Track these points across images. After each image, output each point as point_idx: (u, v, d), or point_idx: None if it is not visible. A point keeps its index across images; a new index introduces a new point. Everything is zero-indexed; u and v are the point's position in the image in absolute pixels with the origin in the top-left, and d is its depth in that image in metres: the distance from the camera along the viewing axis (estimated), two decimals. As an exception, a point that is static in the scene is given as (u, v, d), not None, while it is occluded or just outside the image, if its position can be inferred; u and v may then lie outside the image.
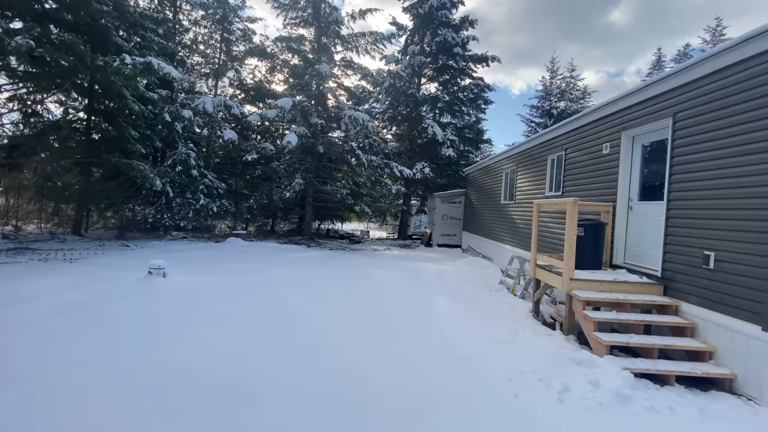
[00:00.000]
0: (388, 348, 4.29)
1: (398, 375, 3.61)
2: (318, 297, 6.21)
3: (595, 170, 6.52)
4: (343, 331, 4.73)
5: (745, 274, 3.73)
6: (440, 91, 20.50)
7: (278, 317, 5.10)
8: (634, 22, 64.56)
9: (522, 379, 3.62)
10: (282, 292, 6.43)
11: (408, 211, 21.01)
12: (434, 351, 4.27)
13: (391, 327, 5.04)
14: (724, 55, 4.11)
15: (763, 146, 3.67)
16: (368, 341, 4.47)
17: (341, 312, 5.50)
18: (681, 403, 3.34)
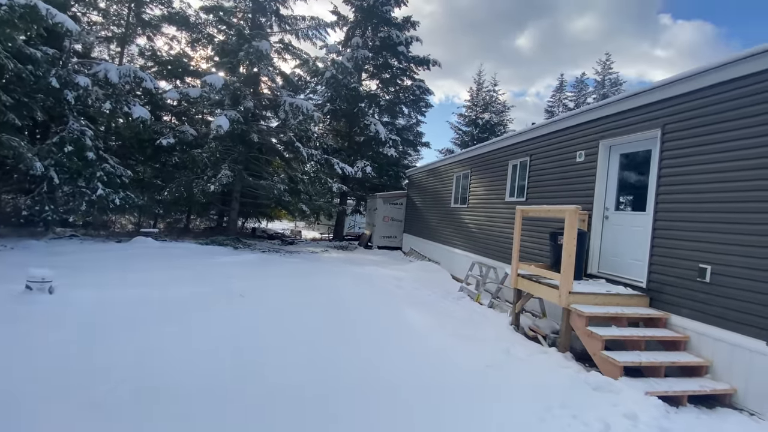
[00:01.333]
0: (386, 395, 3.46)
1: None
2: (274, 318, 5.06)
3: (567, 178, 6.47)
4: (325, 382, 3.69)
5: (747, 288, 3.73)
6: (381, 89, 20.03)
7: (233, 353, 3.90)
8: (535, 50, 72.86)
9: (553, 416, 3.11)
10: (226, 310, 5.14)
11: (344, 211, 20.10)
12: (439, 386, 3.56)
13: (377, 357, 4.20)
14: (719, 71, 4.14)
15: (753, 163, 3.72)
16: (362, 393, 3.55)
17: (313, 345, 4.45)
18: (714, 428, 3.14)
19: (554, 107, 39.59)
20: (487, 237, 8.79)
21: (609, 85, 36.45)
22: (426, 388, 3.44)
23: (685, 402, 3.63)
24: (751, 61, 3.86)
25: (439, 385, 3.54)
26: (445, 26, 67.53)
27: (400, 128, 20.45)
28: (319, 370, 3.62)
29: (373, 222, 17.03)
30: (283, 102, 12.68)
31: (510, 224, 7.86)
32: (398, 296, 7.09)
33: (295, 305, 5.69)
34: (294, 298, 6.09)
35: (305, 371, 3.56)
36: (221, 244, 12.55)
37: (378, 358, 4.04)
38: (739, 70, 3.98)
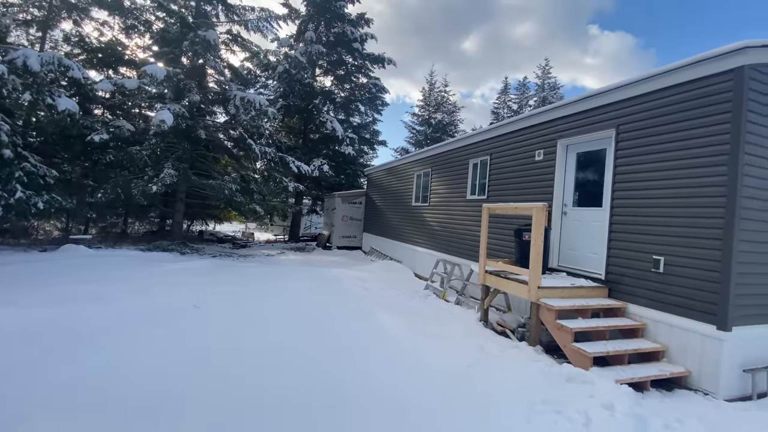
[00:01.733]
0: (377, 404, 3.29)
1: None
2: (239, 329, 4.67)
3: (527, 176, 6.69)
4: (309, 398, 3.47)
5: (697, 277, 4.04)
6: (336, 85, 19.64)
7: (200, 381, 3.51)
8: (480, 53, 76.36)
9: (538, 414, 3.13)
10: (176, 326, 4.65)
11: (300, 211, 19.48)
12: (425, 390, 3.45)
13: (362, 365, 4.01)
14: (666, 76, 4.45)
15: (706, 161, 4.03)
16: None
17: (287, 355, 4.16)
18: (675, 411, 3.33)
19: (499, 109, 41.50)
20: (450, 235, 8.90)
21: (548, 88, 38.90)
22: (414, 395, 3.32)
23: (649, 387, 3.86)
24: (693, 68, 4.18)
25: (425, 389, 3.44)
26: (393, 27, 68.33)
27: (357, 126, 20.20)
28: (301, 384, 3.36)
29: (331, 222, 16.66)
30: (233, 96, 11.94)
31: (473, 222, 8.01)
32: (367, 298, 6.92)
33: (259, 314, 5.30)
34: (257, 306, 5.69)
35: (286, 381, 3.28)
36: (166, 250, 11.55)
37: (363, 365, 3.85)
38: (683, 76, 4.30)
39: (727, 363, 3.78)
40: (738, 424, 3.22)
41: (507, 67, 74.75)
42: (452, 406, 3.21)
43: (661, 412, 3.31)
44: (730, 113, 3.84)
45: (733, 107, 3.82)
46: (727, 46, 3.85)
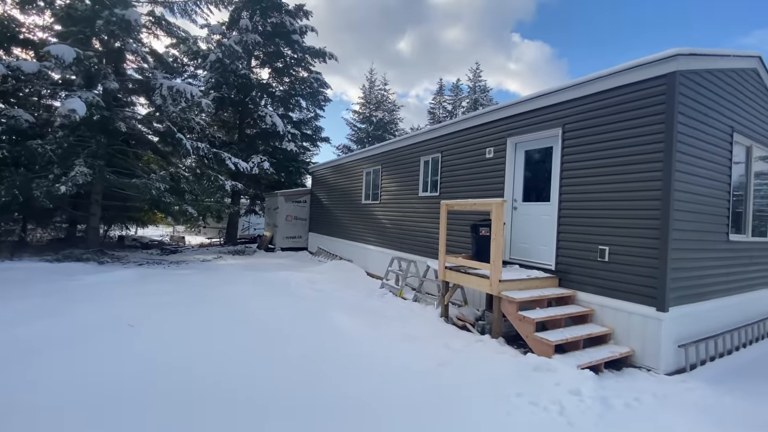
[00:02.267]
0: (358, 415, 3.07)
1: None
2: (184, 347, 4.13)
3: (478, 173, 6.87)
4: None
5: (639, 264, 4.43)
6: (274, 78, 18.68)
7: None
8: (415, 54, 78.82)
9: (515, 407, 3.17)
10: (110, 346, 3.99)
11: (238, 211, 18.26)
12: (403, 394, 3.32)
13: (336, 376, 3.74)
14: (610, 78, 4.80)
15: (644, 158, 4.43)
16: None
17: (241, 370, 3.76)
18: (631, 390, 3.60)
19: (435, 109, 42.96)
20: (403, 232, 8.89)
21: (479, 91, 41.13)
22: (391, 400, 3.16)
23: (603, 368, 4.13)
24: (631, 72, 4.56)
25: (401, 393, 3.30)
26: (327, 22, 67.49)
27: (297, 122, 19.43)
28: (267, 399, 3.02)
29: (274, 222, 15.84)
30: (160, 85, 10.72)
31: (426, 218, 8.07)
32: (320, 300, 6.62)
33: (204, 327, 4.76)
34: (201, 318, 5.11)
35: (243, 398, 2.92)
36: (80, 260, 10.03)
37: (332, 375, 3.59)
38: (623, 79, 4.66)
39: (666, 340, 4.19)
40: (682, 395, 3.57)
41: (440, 69, 77.86)
42: (432, 407, 3.12)
43: (619, 391, 3.55)
44: (664, 114, 4.24)
45: (666, 109, 4.22)
46: (661, 53, 4.25)
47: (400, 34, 78.59)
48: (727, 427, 2.99)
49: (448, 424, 2.91)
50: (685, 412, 3.22)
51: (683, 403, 3.40)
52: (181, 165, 13.65)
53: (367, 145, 31.84)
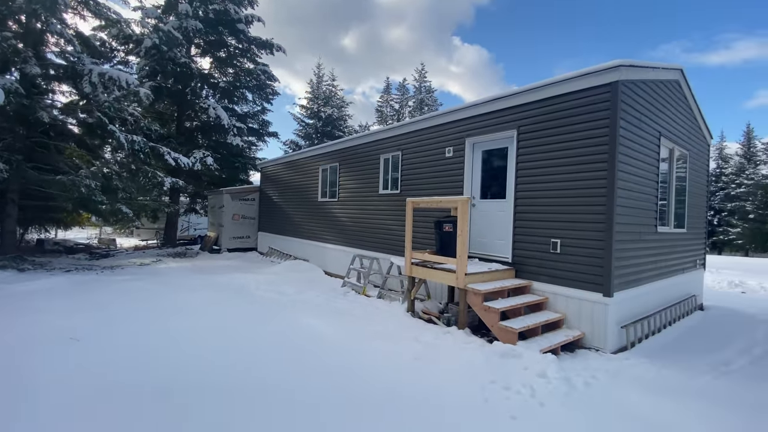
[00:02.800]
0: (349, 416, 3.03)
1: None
2: (148, 367, 3.79)
3: (438, 171, 7.09)
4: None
5: (587, 255, 4.88)
6: (216, 68, 17.59)
7: None
8: (360, 51, 79.11)
9: (491, 393, 3.35)
10: (49, 364, 3.55)
11: (177, 211, 16.98)
12: (386, 390, 3.35)
13: (323, 383, 3.65)
14: (561, 85, 5.21)
15: (591, 159, 4.88)
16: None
17: (237, 397, 3.54)
18: (587, 369, 3.97)
19: (383, 107, 43.51)
20: (364, 230, 8.89)
21: (424, 91, 42.35)
22: (381, 398, 3.18)
23: (560, 351, 4.50)
24: (580, 80, 4.99)
25: (386, 388, 3.33)
26: (270, 15, 65.15)
27: (243, 115, 18.48)
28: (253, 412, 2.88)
29: (219, 222, 14.96)
30: (89, 71, 9.61)
31: (387, 216, 8.15)
32: (285, 304, 6.41)
33: (161, 339, 4.41)
34: (152, 329, 4.72)
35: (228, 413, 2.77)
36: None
37: (322, 380, 3.51)
38: (572, 86, 5.09)
39: (611, 323, 4.68)
40: (629, 370, 4.01)
41: (385, 68, 78.78)
42: (416, 399, 3.19)
43: (577, 371, 3.90)
44: (608, 119, 4.70)
45: (610, 114, 4.69)
46: (605, 64, 4.70)
47: (344, 30, 78.11)
48: (672, 397, 3.43)
49: (435, 413, 3.00)
50: (634, 385, 3.63)
51: (631, 377, 3.84)
52: (111, 159, 12.35)
53: (315, 141, 31.23)
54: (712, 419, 3.07)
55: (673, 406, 3.25)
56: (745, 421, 3.09)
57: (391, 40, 77.89)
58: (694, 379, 3.99)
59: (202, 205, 20.36)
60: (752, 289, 10.27)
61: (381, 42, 76.98)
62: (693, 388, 3.66)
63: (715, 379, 4.03)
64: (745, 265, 16.77)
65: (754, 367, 4.41)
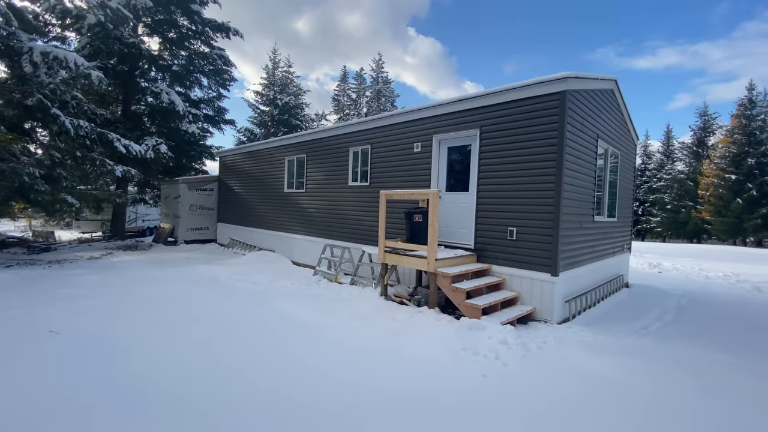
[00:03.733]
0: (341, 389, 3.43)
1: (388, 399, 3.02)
2: (143, 359, 3.90)
3: (406, 165, 7.57)
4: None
5: (537, 241, 5.63)
6: (167, 50, 16.62)
7: None
8: (313, 36, 77.57)
9: (463, 358, 3.92)
10: (30, 361, 3.57)
11: (126, 201, 16.01)
12: (374, 359, 3.79)
13: (322, 364, 3.98)
14: (517, 91, 5.87)
15: (542, 157, 5.61)
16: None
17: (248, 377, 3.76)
18: (539, 337, 4.70)
19: (340, 96, 43.24)
20: (334, 221, 9.18)
21: (382, 82, 42.66)
22: (372, 369, 3.61)
23: (516, 323, 5.22)
24: (533, 87, 5.66)
25: (373, 360, 3.77)
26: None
27: (196, 101, 17.68)
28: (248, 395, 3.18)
29: (174, 213, 14.40)
30: (29, 50, 8.85)
31: (357, 207, 8.52)
32: (264, 294, 6.59)
33: (140, 330, 4.50)
34: (129, 322, 4.77)
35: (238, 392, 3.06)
36: None
37: (317, 359, 3.85)
38: (526, 92, 5.76)
39: (557, 298, 5.48)
40: (572, 337, 4.81)
41: (339, 54, 77.75)
42: (402, 369, 3.67)
43: (531, 338, 4.61)
44: (557, 123, 5.43)
45: (559, 119, 5.41)
46: (554, 75, 5.40)
47: (297, 13, 75.80)
48: (604, 354, 4.22)
49: (419, 373, 3.50)
50: (576, 347, 4.40)
51: (574, 342, 4.61)
52: (55, 146, 11.41)
53: (272, 129, 30.46)
54: (631, 368, 3.88)
55: (605, 359, 4.03)
56: (654, 368, 3.92)
57: (346, 27, 76.99)
58: (621, 340, 4.87)
59: (151, 195, 19.30)
60: (667, 269, 12.02)
61: (336, 28, 75.84)
62: (620, 348, 4.51)
63: (636, 340, 4.95)
64: (662, 249, 19.29)
65: (665, 329, 5.44)
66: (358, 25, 78.76)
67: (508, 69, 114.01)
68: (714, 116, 36.62)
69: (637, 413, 2.97)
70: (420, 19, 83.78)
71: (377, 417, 2.78)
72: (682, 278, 10.27)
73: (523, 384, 3.42)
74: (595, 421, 2.85)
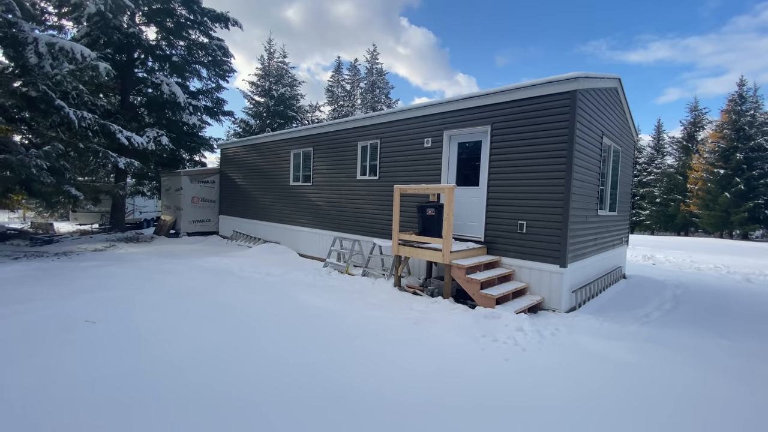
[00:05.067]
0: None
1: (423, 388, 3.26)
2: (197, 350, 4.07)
3: (416, 160, 7.76)
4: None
5: (546, 234, 5.90)
6: (163, 38, 16.41)
7: None
8: (304, 24, 76.59)
9: (485, 345, 4.18)
10: (76, 349, 3.73)
11: (125, 193, 15.94)
12: (399, 341, 4.03)
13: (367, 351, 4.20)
14: (529, 89, 6.08)
15: (553, 153, 5.84)
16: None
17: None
18: (550, 325, 4.99)
19: (334, 87, 43.05)
20: (342, 214, 9.35)
21: (376, 73, 42.53)
22: (402, 351, 3.84)
23: (527, 312, 5.50)
24: (545, 86, 5.87)
25: (403, 348, 4.01)
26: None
27: (195, 92, 17.53)
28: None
29: (177, 205, 14.41)
30: (33, 40, 8.76)
31: (366, 201, 8.70)
32: (282, 285, 6.72)
33: (174, 321, 4.67)
34: (162, 313, 4.93)
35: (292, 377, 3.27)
36: None
37: (350, 347, 4.07)
38: (538, 91, 5.97)
39: (565, 288, 5.78)
40: (580, 324, 5.10)
41: (330, 44, 76.95)
42: (429, 355, 3.91)
43: (544, 326, 4.89)
44: (567, 122, 5.66)
45: (569, 117, 5.65)
46: (565, 75, 5.62)
47: (287, 1, 74.56)
48: (614, 340, 4.52)
49: (446, 358, 3.74)
50: (586, 333, 4.70)
51: (583, 328, 4.91)
52: (57, 138, 11.33)
53: (267, 120, 30.25)
54: (643, 352, 4.18)
55: (616, 344, 4.33)
56: (663, 352, 4.23)
57: (337, 16, 76.14)
58: (625, 327, 5.19)
59: (149, 187, 19.21)
60: (660, 261, 12.48)
61: (326, 17, 75.01)
62: (627, 334, 4.82)
63: (640, 327, 5.27)
64: (653, 242, 19.88)
65: (665, 317, 5.78)
66: (349, 14, 77.96)
67: (500, 61, 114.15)
68: (704, 111, 37.40)
69: (664, 396, 3.23)
70: (413, 9, 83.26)
71: (415, 393, 3.02)
72: (675, 270, 10.71)
73: (544, 366, 3.69)
74: (625, 401, 3.12)
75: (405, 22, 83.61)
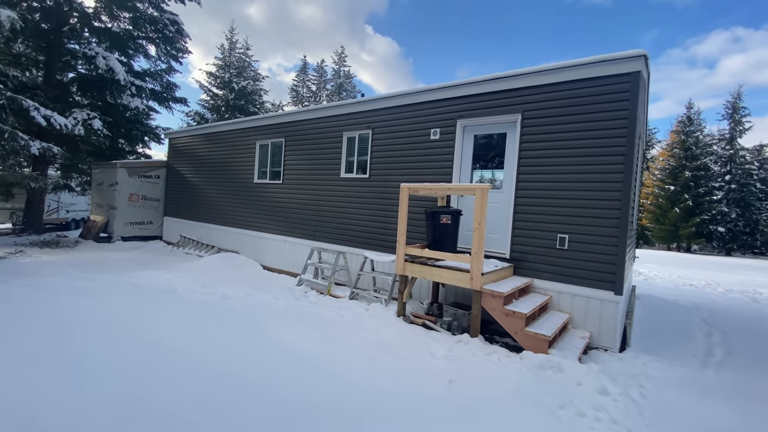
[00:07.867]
0: None
1: None
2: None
3: (420, 155, 6.32)
4: None
5: (595, 251, 4.65)
6: (103, 8, 13.85)
7: None
8: (267, 23, 73.85)
9: (567, 420, 2.77)
10: None
11: (45, 187, 13.06)
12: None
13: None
14: (575, 70, 4.85)
15: (607, 150, 4.64)
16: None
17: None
18: (622, 375, 3.69)
19: (299, 87, 41.20)
20: (321, 219, 7.66)
21: (343, 76, 41.15)
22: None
23: (581, 356, 4.18)
24: (597, 66, 4.68)
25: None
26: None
27: (141, 73, 14.97)
28: None
29: (110, 203, 11.90)
30: None
31: (352, 203, 7.12)
32: (244, 314, 4.91)
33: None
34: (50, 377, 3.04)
35: None
36: None
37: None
38: (588, 72, 4.76)
39: (620, 321, 4.55)
40: (651, 371, 3.88)
41: (293, 45, 74.58)
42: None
43: (622, 380, 3.57)
44: (627, 110, 4.48)
45: (630, 105, 4.47)
46: (629, 52, 4.44)
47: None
48: (706, 398, 3.31)
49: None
50: (671, 388, 3.49)
51: (662, 381, 3.67)
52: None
53: (226, 115, 27.61)
54: (737, 410, 3.05)
55: (711, 404, 3.21)
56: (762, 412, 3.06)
57: (302, 17, 73.93)
58: (700, 373, 4.04)
59: (79, 182, 16.19)
60: (650, 276, 11.93)
61: (291, 17, 72.59)
62: (708, 385, 3.66)
63: (715, 373, 4.12)
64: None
65: (731, 358, 4.71)
66: (314, 16, 76.05)
67: (460, 75, 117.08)
68: (653, 131, 39.56)
69: None
70: (378, 17, 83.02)
71: None
72: (671, 287, 10.07)
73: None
74: None
75: (370, 30, 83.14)
